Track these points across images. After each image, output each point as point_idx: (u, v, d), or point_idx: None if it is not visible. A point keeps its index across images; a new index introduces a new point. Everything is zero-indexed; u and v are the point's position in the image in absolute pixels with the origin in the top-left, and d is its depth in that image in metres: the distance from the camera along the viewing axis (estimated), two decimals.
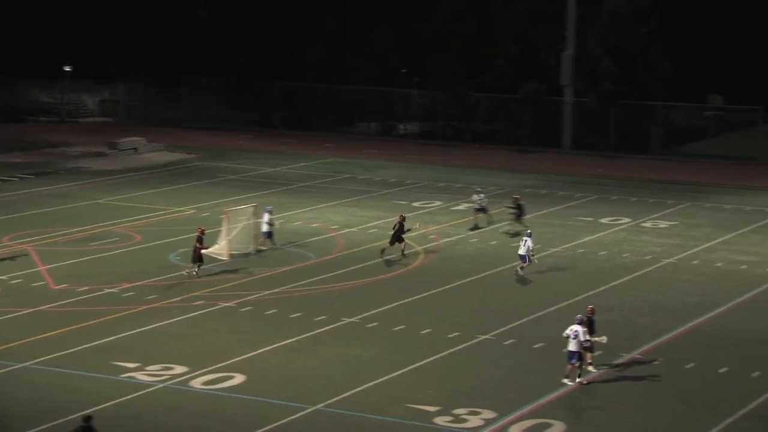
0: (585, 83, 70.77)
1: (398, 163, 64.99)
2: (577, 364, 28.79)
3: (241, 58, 79.44)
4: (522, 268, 39.26)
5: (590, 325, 29.56)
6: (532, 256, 39.16)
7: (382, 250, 41.90)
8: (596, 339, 29.37)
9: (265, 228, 43.14)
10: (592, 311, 30.27)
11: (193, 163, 64.13)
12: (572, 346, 28.71)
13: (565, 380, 28.86)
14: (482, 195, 47.74)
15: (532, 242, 39.25)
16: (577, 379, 28.85)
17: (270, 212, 43.56)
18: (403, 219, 42.34)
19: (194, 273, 38.98)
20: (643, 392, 28.72)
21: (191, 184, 57.34)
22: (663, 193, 56.25)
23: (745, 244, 45.11)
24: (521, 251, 39.11)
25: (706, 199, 54.59)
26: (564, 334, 29.08)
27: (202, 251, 39.06)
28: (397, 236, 41.78)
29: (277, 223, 44.15)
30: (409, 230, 42.15)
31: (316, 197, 54.04)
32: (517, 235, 43.70)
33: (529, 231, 40.32)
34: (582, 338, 28.64)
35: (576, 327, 28.82)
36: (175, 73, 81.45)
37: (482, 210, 47.28)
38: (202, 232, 39.47)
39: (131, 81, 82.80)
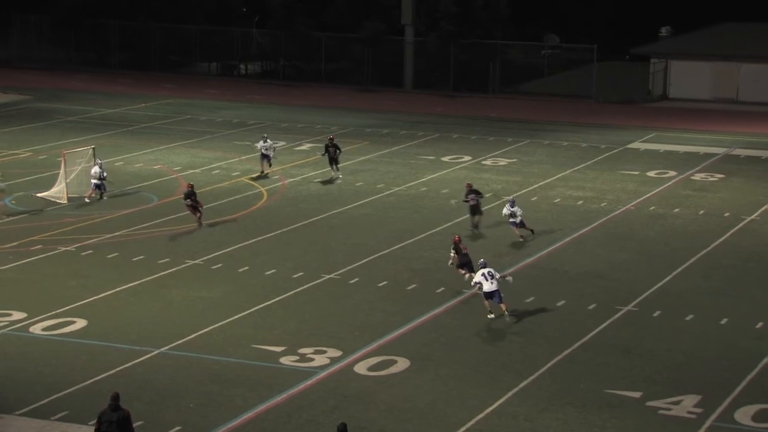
0: (425, 23, 71.15)
1: (240, 103, 64.40)
2: (502, 303, 29.39)
3: None
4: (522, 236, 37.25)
5: (458, 253, 31.74)
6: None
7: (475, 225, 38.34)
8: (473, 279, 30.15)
9: (93, 180, 41.31)
10: (459, 239, 32.11)
11: (27, 105, 62.29)
12: (493, 287, 29.14)
13: (507, 318, 29.45)
14: (269, 142, 46.13)
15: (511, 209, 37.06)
16: (507, 315, 29.52)
17: (100, 165, 41.47)
18: (470, 186, 38.62)
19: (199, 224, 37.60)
20: (484, 326, 29.33)
21: (26, 126, 55.75)
22: (502, 131, 57.18)
23: (581, 180, 46.29)
24: (513, 219, 37.02)
25: (544, 137, 55.73)
26: (474, 282, 29.66)
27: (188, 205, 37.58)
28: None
29: (103, 174, 41.59)
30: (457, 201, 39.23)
31: (157, 138, 53.19)
32: (329, 182, 44.10)
33: (512, 198, 38.15)
34: (497, 276, 29.40)
35: (485, 270, 29.31)
36: (4, 11, 78.69)
37: (266, 157, 45.78)
38: (191, 187, 37.90)
39: None
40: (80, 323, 28.87)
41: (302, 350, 27.29)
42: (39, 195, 41.21)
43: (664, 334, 28.98)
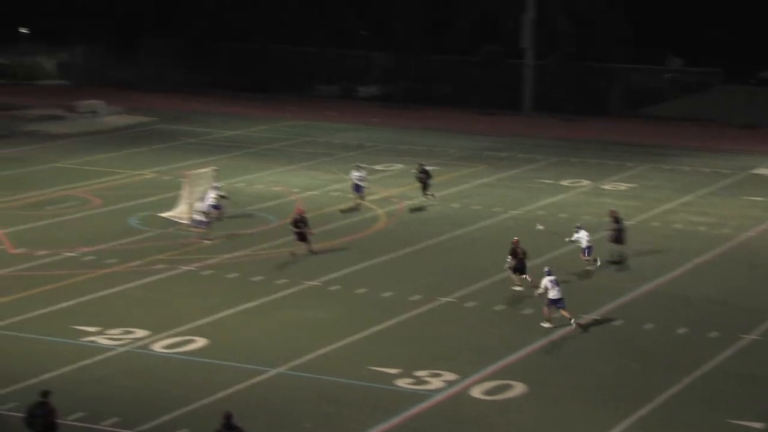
0: (545, 45, 70.83)
1: (359, 125, 64.81)
2: (565, 311, 30.49)
3: (198, 20, 78.79)
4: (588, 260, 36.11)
5: (516, 256, 33.28)
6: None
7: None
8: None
9: (210, 201, 41.33)
10: (517, 242, 33.70)
11: (152, 126, 63.66)
12: (558, 294, 30.23)
13: (572, 322, 30.39)
14: (363, 172, 44.59)
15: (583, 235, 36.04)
16: (572, 321, 30.46)
17: (216, 188, 41.54)
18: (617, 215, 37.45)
19: (304, 252, 37.38)
20: (602, 352, 28.97)
21: (151, 148, 56.96)
22: (623, 155, 56.50)
23: (703, 206, 45.47)
24: (583, 244, 36.07)
25: (666, 161, 54.91)
26: (542, 286, 30.55)
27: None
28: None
29: (219, 199, 41.52)
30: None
31: (277, 160, 53.84)
32: (419, 209, 43.82)
33: (578, 224, 36.92)
34: (558, 286, 30.38)
35: (551, 277, 30.38)
36: (132, 36, 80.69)
37: (357, 188, 43.96)
38: (302, 213, 37.72)
39: (89, 43, 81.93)
40: (200, 342, 29.31)
41: (418, 373, 27.28)
42: (163, 215, 42.02)
43: None
